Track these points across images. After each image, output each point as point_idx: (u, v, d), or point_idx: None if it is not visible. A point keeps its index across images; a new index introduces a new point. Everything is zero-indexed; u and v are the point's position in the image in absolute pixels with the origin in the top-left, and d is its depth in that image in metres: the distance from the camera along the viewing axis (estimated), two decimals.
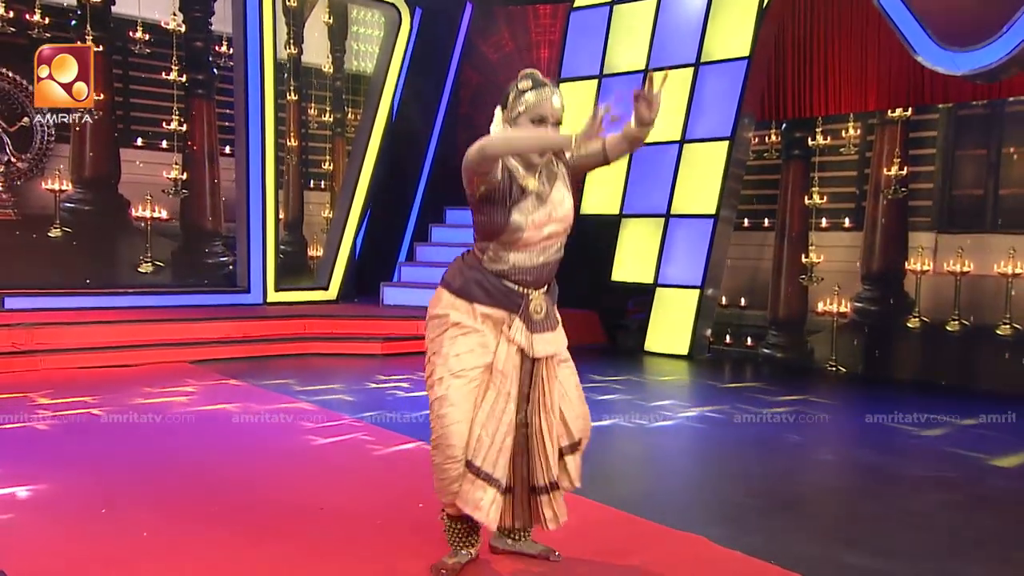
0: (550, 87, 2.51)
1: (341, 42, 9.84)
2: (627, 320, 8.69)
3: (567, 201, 2.62)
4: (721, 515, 3.50)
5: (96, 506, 3.24)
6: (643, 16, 8.63)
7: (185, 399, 5.36)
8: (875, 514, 3.55)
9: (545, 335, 2.57)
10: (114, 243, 8.24)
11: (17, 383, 5.65)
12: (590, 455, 4.22)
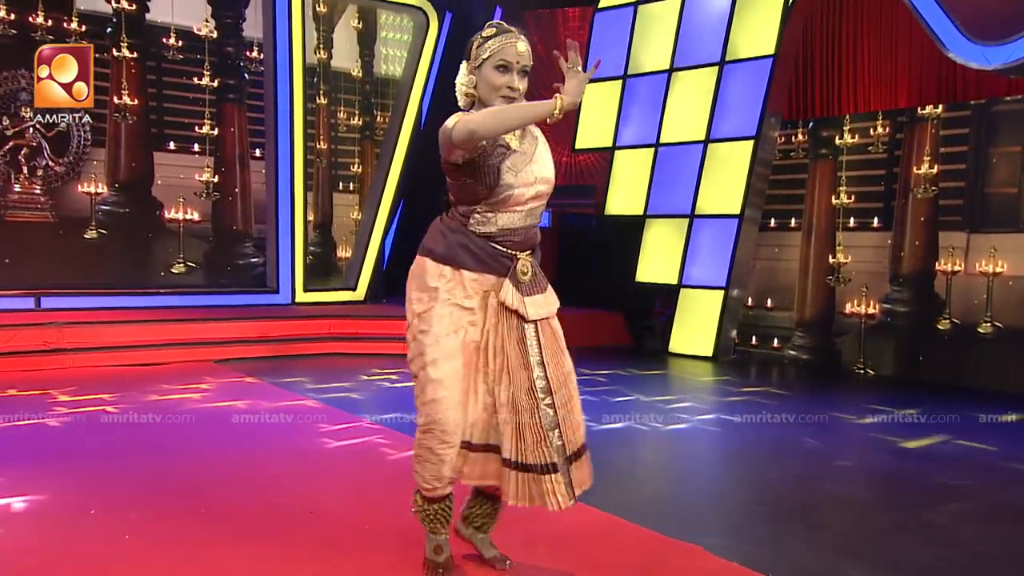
0: (515, 33, 2.37)
1: (370, 46, 9.78)
2: (652, 321, 8.43)
3: (550, 160, 2.48)
4: (723, 523, 3.31)
5: (86, 505, 3.14)
6: (667, 16, 8.38)
7: (199, 396, 5.31)
8: (886, 525, 3.30)
9: (536, 298, 2.41)
10: (148, 244, 8.27)
11: (43, 380, 5.66)
12: (593, 458, 4.08)
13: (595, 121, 8.91)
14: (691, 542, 2.89)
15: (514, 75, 2.35)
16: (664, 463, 4.39)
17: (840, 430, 5.10)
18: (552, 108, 2.16)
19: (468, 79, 2.39)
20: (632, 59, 8.62)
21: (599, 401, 5.59)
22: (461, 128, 2.19)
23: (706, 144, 7.99)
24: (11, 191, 7.58)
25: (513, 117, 2.24)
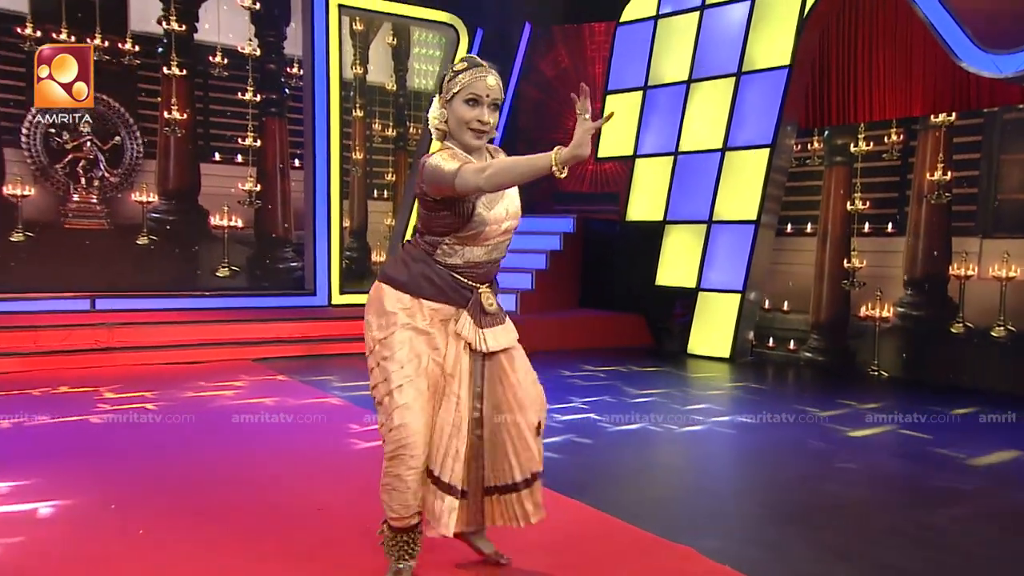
0: (486, 67, 2.32)
1: (404, 61, 9.90)
2: (671, 323, 8.42)
3: (517, 196, 2.46)
4: (721, 526, 3.25)
5: (108, 501, 3.22)
6: (686, 29, 8.37)
7: (231, 393, 5.41)
8: (884, 528, 3.24)
9: (496, 329, 2.39)
10: (194, 250, 8.47)
11: (93, 377, 5.83)
12: (603, 459, 4.07)
13: (616, 130, 8.92)
14: (686, 544, 2.86)
15: (484, 108, 2.30)
16: (671, 465, 4.34)
17: (849, 431, 4.99)
18: (550, 162, 2.05)
19: (440, 112, 2.35)
20: (652, 71, 8.62)
21: (616, 402, 5.58)
22: (469, 179, 2.14)
23: (723, 152, 7.97)
24: (70, 200, 7.85)
25: (518, 175, 2.14)
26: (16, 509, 3.11)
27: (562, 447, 4.30)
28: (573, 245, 9.28)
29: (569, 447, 4.32)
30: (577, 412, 5.21)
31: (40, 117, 7.47)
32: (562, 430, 4.65)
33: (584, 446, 4.38)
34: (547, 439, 4.31)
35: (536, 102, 10.69)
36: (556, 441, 4.37)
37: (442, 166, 2.20)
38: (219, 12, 8.52)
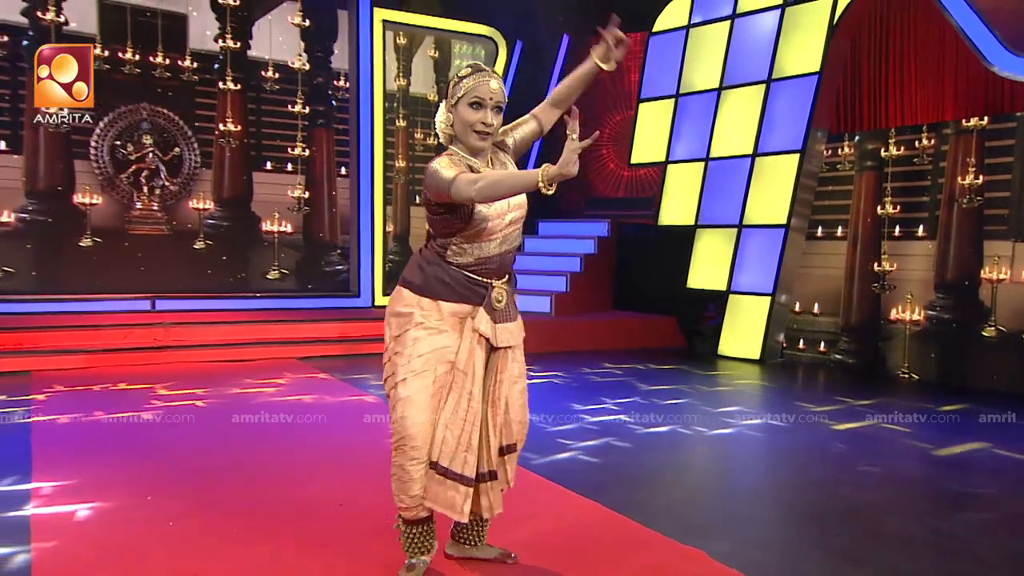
0: (489, 72, 2.34)
1: (445, 73, 10.02)
2: (703, 326, 8.36)
3: None
4: (736, 528, 3.17)
5: (145, 492, 3.30)
6: (717, 37, 8.29)
7: (272, 390, 5.52)
8: (898, 532, 3.14)
9: (508, 325, 2.40)
10: (247, 253, 8.72)
11: (150, 374, 6.02)
12: (629, 461, 4.06)
13: (649, 137, 8.89)
14: (697, 547, 2.80)
15: (487, 111, 2.30)
16: (695, 467, 4.26)
17: (874, 435, 4.87)
18: (537, 179, 2.06)
19: (446, 117, 2.37)
20: (684, 79, 8.56)
21: (648, 404, 5.48)
22: (463, 190, 2.15)
23: (753, 158, 7.88)
24: (133, 208, 8.18)
25: (507, 187, 2.18)
26: (58, 510, 3.09)
27: (591, 449, 4.23)
28: (607, 249, 9.29)
29: (597, 449, 4.25)
30: (608, 413, 5.13)
31: (100, 129, 7.78)
32: (593, 432, 4.58)
33: (612, 448, 4.29)
34: (580, 441, 4.34)
35: (570, 111, 10.70)
36: (586, 444, 4.31)
37: (440, 173, 2.21)
38: (271, 30, 8.77)
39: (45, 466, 3.62)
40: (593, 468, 3.91)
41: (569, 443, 4.31)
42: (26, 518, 2.99)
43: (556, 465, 3.89)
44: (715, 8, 8.36)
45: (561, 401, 5.51)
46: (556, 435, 4.47)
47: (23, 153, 7.69)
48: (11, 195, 7.63)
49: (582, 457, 4.04)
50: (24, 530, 2.86)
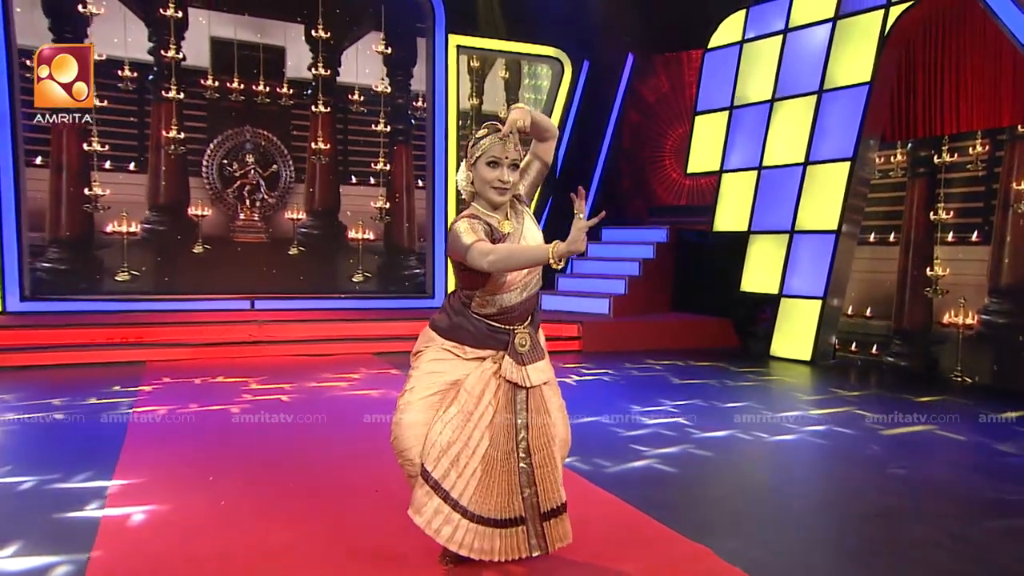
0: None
1: (515, 92, 10.18)
2: (756, 327, 8.22)
3: (538, 235, 2.44)
4: (750, 528, 3.05)
5: (208, 473, 3.47)
6: (770, 51, 8.13)
7: (345, 384, 5.66)
8: (917, 537, 2.98)
9: (538, 364, 2.38)
10: (335, 258, 9.11)
11: (245, 367, 6.31)
12: (682, 468, 3.84)
13: (705, 148, 8.80)
14: (707, 544, 2.74)
15: (504, 169, 2.31)
16: (744, 472, 3.99)
17: (918, 439, 4.58)
18: (547, 255, 2.09)
19: (466, 175, 2.39)
20: (738, 92, 8.43)
21: (708, 407, 5.23)
22: (476, 259, 2.17)
23: (805, 166, 7.69)
24: (238, 219, 8.72)
25: (518, 262, 2.19)
26: (126, 510, 3.05)
27: (645, 453, 4.03)
28: (666, 254, 9.24)
29: (652, 453, 4.04)
30: (666, 416, 4.92)
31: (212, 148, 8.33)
32: (647, 438, 4.35)
33: (666, 456, 4.01)
34: (634, 444, 4.17)
35: (636, 125, 10.69)
36: (640, 449, 4.10)
37: (461, 238, 2.22)
38: (357, 57, 9.16)
39: (130, 460, 3.65)
40: (643, 474, 3.70)
41: (642, 449, 4.12)
42: (103, 490, 3.20)
43: (626, 474, 3.68)
44: (768, 23, 8.21)
45: (619, 401, 5.37)
46: (627, 440, 4.28)
47: (147, 173, 8.34)
48: (137, 209, 8.28)
49: (636, 464, 3.84)
50: (93, 525, 2.88)
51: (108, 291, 8.03)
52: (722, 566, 2.59)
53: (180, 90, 8.33)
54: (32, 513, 3.03)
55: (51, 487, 3.31)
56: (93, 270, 8.09)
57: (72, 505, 3.09)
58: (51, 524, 2.90)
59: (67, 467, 3.55)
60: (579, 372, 6.59)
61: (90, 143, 8.04)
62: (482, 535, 2.33)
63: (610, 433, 4.45)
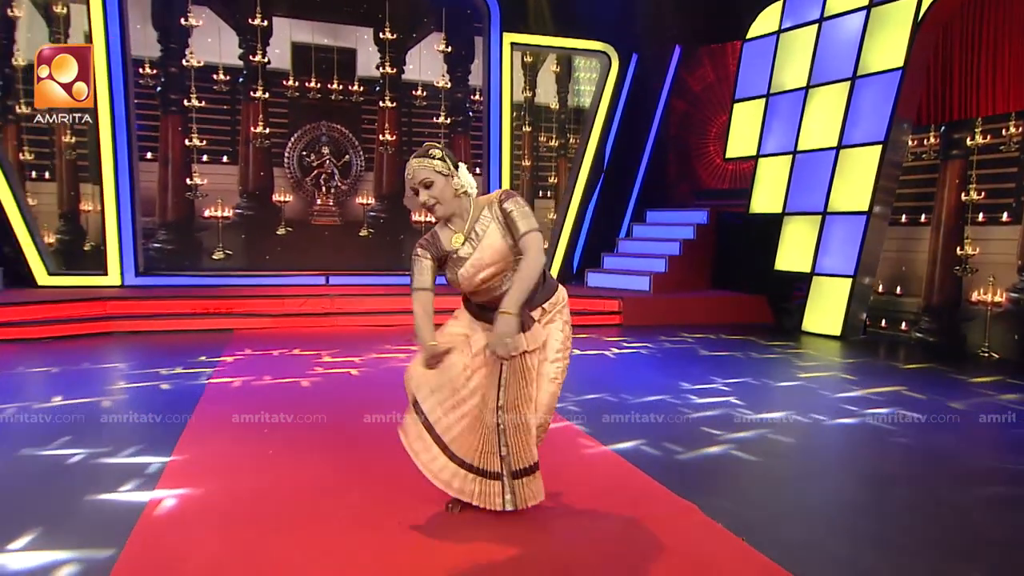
0: (413, 158, 2.44)
1: (565, 84, 10.26)
2: (789, 304, 8.15)
3: (499, 244, 2.40)
4: (752, 497, 3.00)
5: (263, 425, 3.67)
6: (806, 40, 7.96)
7: (404, 356, 5.72)
8: (904, 504, 2.92)
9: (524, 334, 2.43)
10: (400, 239, 9.43)
11: (318, 337, 6.62)
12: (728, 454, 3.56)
13: (742, 134, 8.71)
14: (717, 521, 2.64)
15: (422, 192, 2.39)
16: (784, 456, 3.60)
17: (933, 408, 4.47)
18: (426, 344, 2.39)
19: None
20: (774, 80, 8.29)
21: (760, 385, 4.99)
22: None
23: (838, 150, 7.55)
24: (315, 204, 9.20)
25: (417, 331, 2.45)
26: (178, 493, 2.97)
27: (698, 438, 3.73)
28: (707, 234, 9.22)
29: (704, 438, 3.74)
30: (717, 395, 4.66)
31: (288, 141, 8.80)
32: (699, 420, 4.06)
33: (716, 439, 3.72)
34: (687, 427, 3.90)
35: (683, 113, 10.60)
36: (682, 434, 3.78)
37: (412, 271, 2.50)
38: (420, 56, 9.46)
39: (191, 436, 3.52)
40: (692, 463, 3.41)
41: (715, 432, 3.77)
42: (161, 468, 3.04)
43: (706, 458, 3.46)
44: (804, 13, 8.02)
45: (669, 378, 5.13)
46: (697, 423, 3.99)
47: (238, 164, 8.91)
48: (230, 196, 8.87)
49: (679, 451, 3.52)
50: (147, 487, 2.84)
51: (206, 268, 8.65)
52: (703, 520, 2.62)
53: (265, 90, 8.84)
54: (64, 492, 2.82)
55: (98, 462, 3.15)
56: (194, 249, 8.73)
57: (116, 482, 2.91)
58: (86, 506, 2.69)
59: (126, 441, 3.42)
60: (619, 345, 6.63)
61: (191, 139, 8.65)
62: (462, 477, 2.48)
63: (675, 412, 4.24)
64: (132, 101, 8.13)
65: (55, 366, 5.20)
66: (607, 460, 3.38)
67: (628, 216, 10.40)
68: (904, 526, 2.73)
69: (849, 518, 2.85)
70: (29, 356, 5.61)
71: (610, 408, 4.31)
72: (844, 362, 6.10)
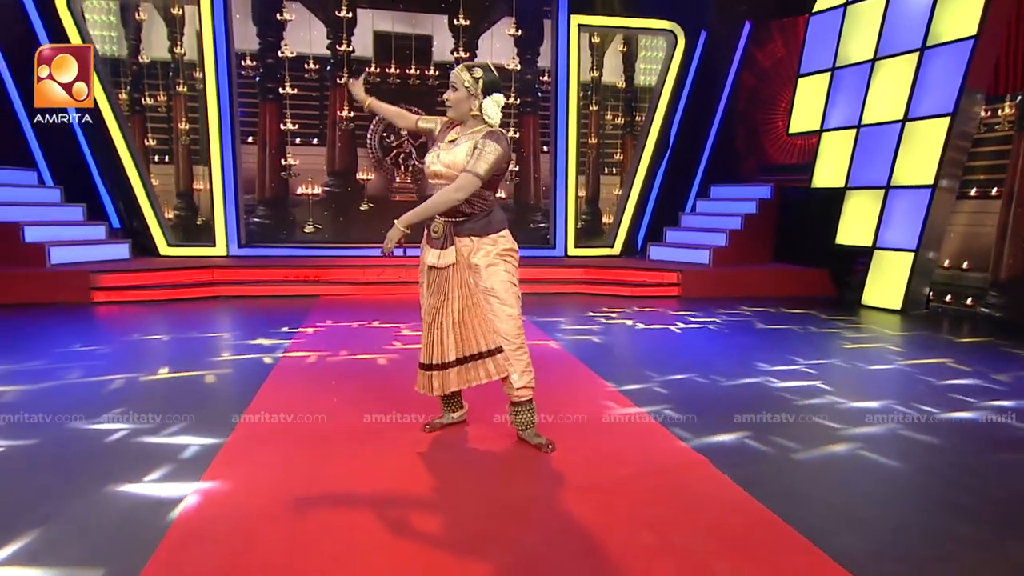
0: (461, 66, 2.83)
1: (632, 64, 10.25)
2: (850, 278, 8.01)
3: (460, 159, 2.74)
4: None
5: (329, 379, 4.00)
6: (873, 12, 7.68)
7: None
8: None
9: (434, 251, 2.85)
10: None
11: (398, 304, 6.97)
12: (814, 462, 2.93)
13: (806, 109, 8.51)
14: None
15: (448, 90, 2.81)
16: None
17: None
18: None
19: None
20: (840, 53, 8.06)
21: (850, 368, 4.49)
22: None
23: (904, 123, 7.31)
24: (394, 181, 9.70)
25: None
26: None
27: (812, 431, 3.20)
28: (770, 209, 9.11)
29: (820, 432, 3.18)
30: (802, 378, 4.14)
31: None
32: (799, 408, 3.53)
33: (836, 434, 3.16)
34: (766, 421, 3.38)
35: (752, 88, 10.40)
36: (787, 425, 3.30)
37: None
38: (492, 40, 9.73)
39: (249, 420, 3.31)
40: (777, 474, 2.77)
41: None
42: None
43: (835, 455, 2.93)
44: None
45: (744, 356, 4.77)
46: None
47: (326, 145, 9.52)
48: (319, 175, 9.50)
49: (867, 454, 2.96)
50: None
51: (298, 240, 9.34)
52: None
53: (350, 77, 9.36)
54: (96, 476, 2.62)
55: (140, 440, 3.03)
56: (287, 223, 9.43)
57: (155, 463, 2.76)
58: (113, 499, 2.44)
59: (179, 416, 3.32)
60: (684, 320, 6.41)
61: (285, 124, 9.31)
62: (423, 376, 2.90)
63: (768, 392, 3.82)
64: (236, 91, 8.85)
65: (166, 333, 5.46)
66: (712, 481, 2.66)
67: (694, 192, 10.37)
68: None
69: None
70: (150, 318, 6.36)
71: (696, 392, 3.85)
72: (901, 335, 6.01)
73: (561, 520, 2.32)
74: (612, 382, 4.04)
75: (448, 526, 2.31)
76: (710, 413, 3.48)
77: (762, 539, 2.19)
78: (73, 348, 4.83)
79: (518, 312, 2.88)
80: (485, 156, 2.68)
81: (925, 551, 2.16)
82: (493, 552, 2.13)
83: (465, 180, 2.66)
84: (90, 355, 4.63)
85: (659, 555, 2.09)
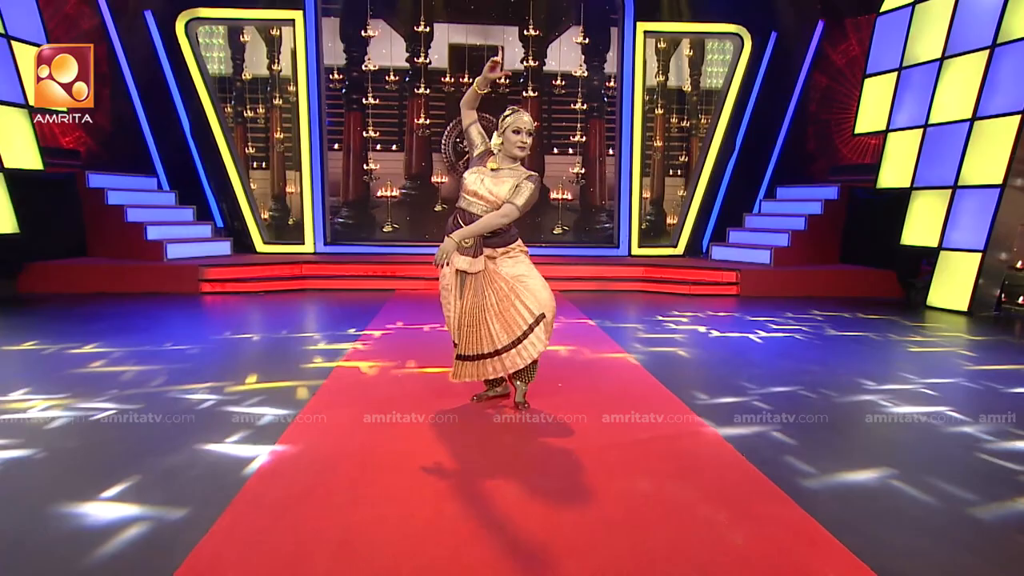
0: (521, 111, 3.25)
1: (698, 67, 10.21)
2: (916, 279, 7.73)
3: (503, 190, 3.23)
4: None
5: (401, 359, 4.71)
6: (942, 10, 7.39)
7: None
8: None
9: (464, 257, 3.20)
10: (540, 215, 10.09)
11: None
12: None
13: (872, 109, 8.28)
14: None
15: (523, 135, 3.21)
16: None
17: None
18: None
19: (496, 140, 3.29)
20: (907, 53, 7.79)
21: (982, 390, 3.86)
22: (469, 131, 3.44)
23: (972, 122, 7.01)
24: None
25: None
26: None
27: (988, 479, 2.59)
28: (836, 209, 8.90)
29: (998, 477, 2.60)
30: (925, 403, 3.51)
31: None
32: (945, 438, 3.01)
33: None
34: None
35: (824, 88, 10.14)
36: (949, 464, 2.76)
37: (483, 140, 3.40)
38: (560, 49, 9.95)
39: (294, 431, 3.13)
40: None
41: None
42: None
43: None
44: None
45: (848, 370, 4.28)
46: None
47: (404, 151, 10.04)
48: (397, 178, 10.05)
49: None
50: None
51: (378, 238, 9.94)
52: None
53: (427, 87, 9.84)
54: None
55: (225, 408, 3.40)
56: (368, 224, 10.04)
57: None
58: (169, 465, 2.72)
59: (260, 392, 3.66)
60: (765, 327, 5.90)
61: (367, 131, 9.90)
62: (460, 366, 3.34)
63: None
64: (324, 102, 9.49)
65: (259, 322, 6.20)
66: None
67: (761, 193, 10.22)
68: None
69: None
70: (247, 307, 7.02)
71: (804, 409, 3.42)
72: (970, 339, 5.77)
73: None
74: (710, 422, 3.28)
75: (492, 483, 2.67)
76: (829, 441, 2.97)
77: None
78: (181, 331, 5.49)
79: (545, 283, 3.40)
80: (523, 194, 3.25)
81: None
82: None
83: (510, 210, 3.22)
84: (194, 337, 5.27)
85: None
